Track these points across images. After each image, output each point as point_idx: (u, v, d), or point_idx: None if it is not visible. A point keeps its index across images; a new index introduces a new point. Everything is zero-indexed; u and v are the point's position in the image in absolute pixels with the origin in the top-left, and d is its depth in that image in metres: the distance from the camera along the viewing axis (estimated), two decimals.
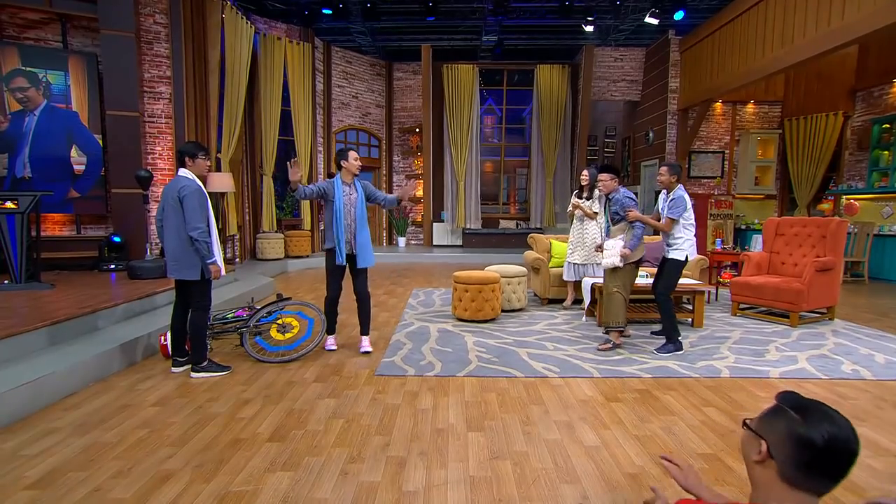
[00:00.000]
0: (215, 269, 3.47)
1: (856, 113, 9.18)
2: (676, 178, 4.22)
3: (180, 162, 3.52)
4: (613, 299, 4.17)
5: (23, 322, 3.59)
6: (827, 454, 1.03)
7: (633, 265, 4.17)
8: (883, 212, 8.33)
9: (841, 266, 5.32)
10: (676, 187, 4.19)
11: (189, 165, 3.50)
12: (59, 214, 6.97)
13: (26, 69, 6.54)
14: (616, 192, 4.22)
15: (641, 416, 2.91)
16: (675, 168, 4.22)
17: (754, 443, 1.13)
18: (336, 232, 3.97)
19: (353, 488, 2.15)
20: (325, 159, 10.99)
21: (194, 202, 3.36)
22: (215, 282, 3.66)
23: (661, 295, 4.21)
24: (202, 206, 3.41)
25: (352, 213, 4.01)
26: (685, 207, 4.12)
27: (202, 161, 3.56)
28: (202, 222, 3.37)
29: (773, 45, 6.98)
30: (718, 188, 10.51)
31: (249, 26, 8.61)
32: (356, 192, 4.05)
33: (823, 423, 1.05)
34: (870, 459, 2.38)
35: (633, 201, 4.16)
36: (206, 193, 3.50)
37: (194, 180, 3.46)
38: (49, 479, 2.21)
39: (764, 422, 1.14)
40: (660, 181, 4.25)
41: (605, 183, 4.24)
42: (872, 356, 4.04)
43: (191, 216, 3.34)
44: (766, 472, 1.11)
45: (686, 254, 4.17)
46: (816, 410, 1.08)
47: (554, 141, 11.86)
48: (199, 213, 3.37)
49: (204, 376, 3.53)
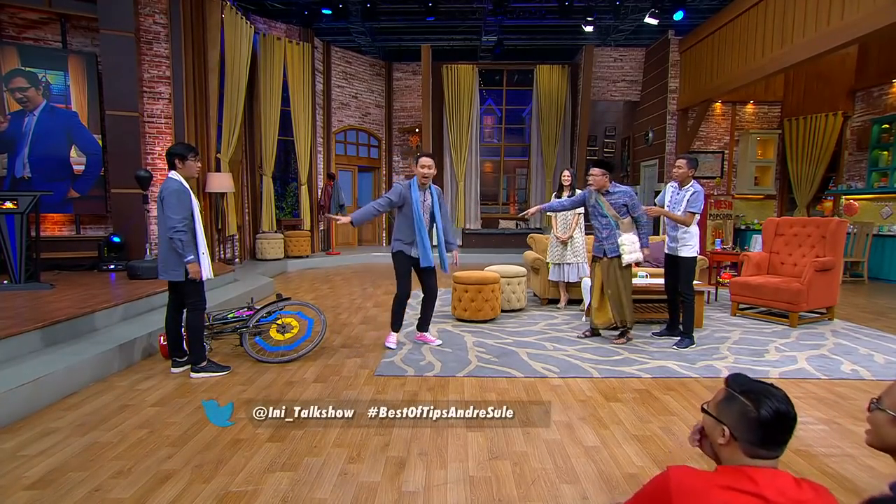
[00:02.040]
0: (193, 268, 3.39)
1: (855, 113, 9.18)
2: (693, 171, 4.23)
3: (171, 164, 3.50)
4: (628, 298, 4.21)
5: (22, 322, 3.59)
6: (775, 427, 1.23)
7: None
8: (882, 212, 8.33)
9: (840, 266, 5.32)
10: (691, 181, 4.19)
11: (179, 168, 3.49)
12: (59, 214, 6.97)
13: (26, 69, 6.53)
14: (615, 187, 4.23)
15: (641, 416, 2.91)
16: (694, 161, 4.23)
17: (717, 428, 1.31)
18: (419, 236, 4.04)
19: (352, 488, 2.15)
20: (325, 160, 10.99)
21: (172, 201, 3.35)
22: (215, 282, 3.66)
23: (690, 294, 4.25)
24: (181, 204, 3.37)
25: (429, 218, 4.14)
26: (703, 201, 4.15)
27: (192, 163, 3.54)
28: (178, 221, 3.33)
29: (773, 45, 6.99)
30: (718, 188, 10.51)
31: (249, 26, 8.61)
32: (430, 197, 4.14)
33: (769, 402, 1.25)
34: (870, 460, 2.38)
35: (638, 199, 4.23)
36: (191, 193, 3.47)
37: (179, 181, 3.45)
38: (49, 479, 2.21)
39: (721, 408, 1.32)
40: (677, 174, 4.23)
41: (595, 178, 4.23)
42: (872, 356, 4.04)
43: (168, 215, 3.35)
44: (732, 451, 1.29)
45: (696, 249, 4.21)
46: (761, 391, 1.28)
47: (554, 141, 11.86)
48: (177, 212, 3.34)
49: (203, 376, 3.53)
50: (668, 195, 4.36)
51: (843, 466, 2.36)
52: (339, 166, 11.55)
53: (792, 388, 3.37)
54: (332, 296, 6.61)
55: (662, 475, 1.26)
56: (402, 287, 4.18)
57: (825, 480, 2.23)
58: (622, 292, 4.25)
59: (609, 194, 4.24)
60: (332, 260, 10.21)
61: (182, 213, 3.37)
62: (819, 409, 3.01)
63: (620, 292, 4.25)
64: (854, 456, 2.44)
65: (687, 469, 1.25)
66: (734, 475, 1.20)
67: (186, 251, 3.36)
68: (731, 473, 1.21)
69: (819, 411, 2.99)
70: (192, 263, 3.39)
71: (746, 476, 1.18)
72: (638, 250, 4.13)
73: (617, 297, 4.27)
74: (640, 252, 4.14)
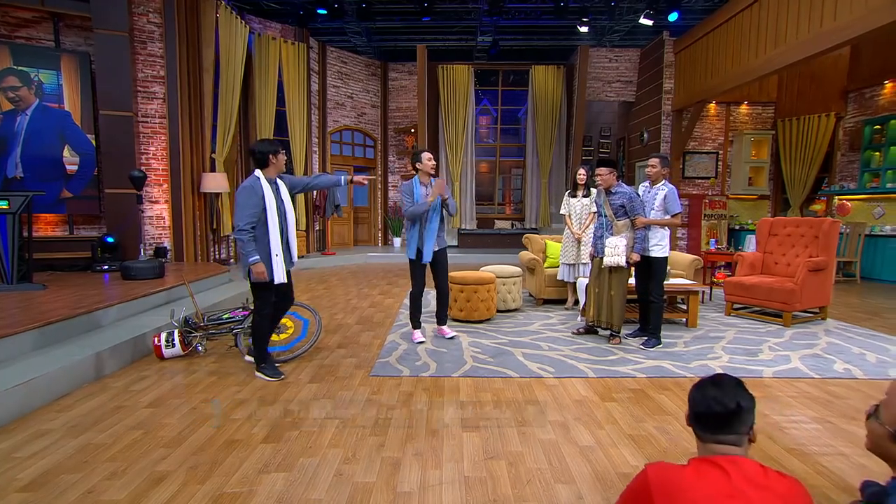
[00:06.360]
0: (256, 268, 3.26)
1: (848, 114, 9.25)
2: (667, 170, 4.25)
3: (264, 162, 3.35)
4: (616, 300, 4.21)
5: (15, 323, 3.56)
6: (704, 412, 1.37)
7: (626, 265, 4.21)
8: (874, 212, 8.40)
9: (833, 266, 5.36)
10: (663, 181, 4.22)
11: (273, 163, 3.37)
12: (52, 215, 6.93)
13: (18, 68, 6.49)
14: (619, 186, 4.22)
15: (636, 415, 2.92)
16: (666, 160, 4.26)
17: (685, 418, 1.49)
18: (423, 232, 4.13)
19: (347, 489, 2.15)
20: (321, 160, 10.97)
21: (239, 199, 3.27)
22: (209, 282, 3.63)
23: (659, 295, 4.25)
24: (248, 202, 3.25)
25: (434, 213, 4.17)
26: (678, 199, 4.18)
27: (282, 156, 3.44)
28: (240, 220, 3.24)
29: (767, 46, 7.03)
30: (713, 189, 10.56)
31: (244, 26, 8.58)
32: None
33: (706, 389, 1.39)
34: (862, 458, 2.39)
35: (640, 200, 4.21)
36: (267, 191, 3.31)
37: (256, 178, 3.32)
38: (42, 480, 2.19)
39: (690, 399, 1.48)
40: (650, 173, 4.26)
41: (602, 177, 4.22)
42: (864, 355, 4.07)
43: (235, 213, 3.29)
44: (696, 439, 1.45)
45: (667, 249, 4.22)
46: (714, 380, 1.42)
47: (549, 141, 11.89)
48: (240, 212, 3.24)
49: (261, 377, 3.50)
50: (641, 194, 4.39)
51: (835, 465, 2.37)
52: (334, 166, 11.53)
53: (785, 387, 3.39)
54: (327, 296, 6.59)
55: (641, 474, 1.34)
56: (415, 285, 4.32)
57: (818, 479, 2.25)
58: (604, 292, 4.27)
59: (611, 194, 4.25)
60: (328, 260, 10.19)
61: (246, 211, 3.23)
62: (812, 409, 3.03)
63: (603, 292, 4.28)
64: (847, 454, 2.46)
65: (662, 464, 1.33)
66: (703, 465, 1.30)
67: (248, 252, 3.25)
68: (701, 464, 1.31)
69: (812, 410, 3.01)
70: (255, 264, 3.27)
71: (713, 464, 1.28)
72: (620, 254, 4.08)
73: (599, 296, 4.31)
74: (621, 257, 4.08)
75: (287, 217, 3.48)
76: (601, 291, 4.34)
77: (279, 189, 3.44)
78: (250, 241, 3.26)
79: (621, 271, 4.22)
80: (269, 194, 3.32)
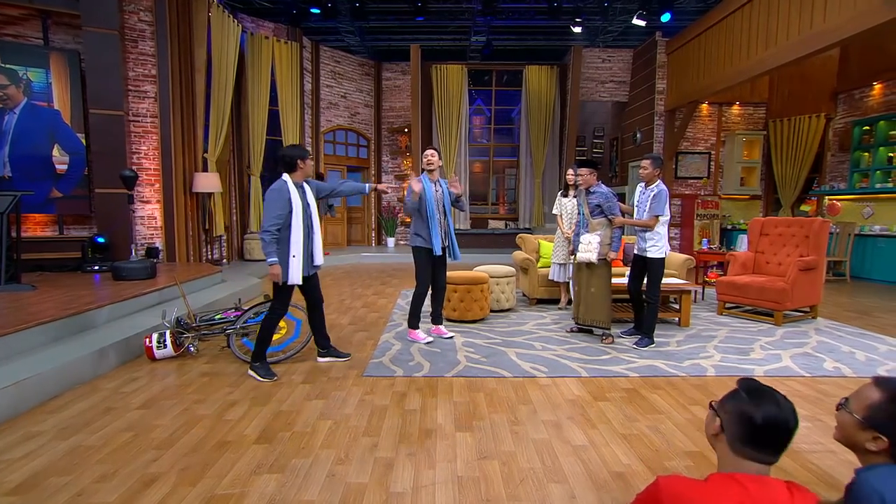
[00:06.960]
0: (272, 270, 3.34)
1: (837, 115, 9.35)
2: (659, 171, 4.26)
3: (292, 166, 3.42)
4: (597, 297, 4.24)
5: (3, 324, 3.52)
6: (765, 430, 1.25)
7: (606, 263, 4.24)
8: (864, 212, 8.49)
9: (823, 265, 5.42)
10: (657, 181, 4.24)
11: (301, 168, 3.45)
12: (41, 215, 6.85)
13: (6, 66, 6.41)
14: (598, 187, 4.31)
15: (629, 415, 2.93)
16: (658, 161, 4.26)
17: (712, 420, 1.37)
18: (431, 227, 4.15)
19: (340, 490, 2.14)
20: (314, 160, 10.93)
21: (267, 199, 3.36)
22: (203, 282, 3.62)
23: (655, 296, 4.26)
24: (276, 203, 3.33)
25: (441, 209, 4.21)
26: (667, 202, 4.17)
27: (311, 161, 3.53)
28: (267, 221, 3.32)
29: (758, 47, 7.08)
30: (705, 189, 10.64)
31: (236, 25, 8.53)
32: (441, 187, 4.25)
33: (767, 405, 1.26)
34: (850, 455, 2.39)
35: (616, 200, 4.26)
36: (294, 193, 3.38)
37: (284, 181, 3.40)
38: (31, 483, 2.17)
39: (722, 402, 1.37)
40: (642, 175, 4.28)
41: (584, 177, 4.33)
42: (854, 354, 4.12)
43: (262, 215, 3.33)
44: (720, 445, 1.34)
45: (665, 250, 4.23)
46: (765, 394, 1.29)
47: (542, 141, 11.91)
48: (268, 213, 3.33)
49: (253, 376, 3.52)
50: (636, 195, 4.42)
51: (824, 462, 2.40)
52: (327, 166, 11.50)
53: (776, 385, 3.40)
54: None
55: (652, 486, 1.27)
56: (421, 284, 4.34)
57: (808, 476, 2.27)
58: (584, 290, 4.32)
59: (590, 194, 4.33)
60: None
61: (274, 213, 3.32)
62: (802, 407, 3.06)
63: (582, 290, 4.33)
64: (835, 452, 2.48)
65: (675, 478, 1.26)
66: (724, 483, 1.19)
67: (269, 253, 3.32)
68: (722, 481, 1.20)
69: (802, 408, 3.03)
70: (272, 266, 3.34)
71: (737, 483, 1.18)
72: (593, 251, 4.17)
73: (579, 294, 4.36)
74: (593, 253, 4.17)
75: (312, 221, 3.56)
76: (581, 289, 4.42)
77: (305, 193, 3.54)
78: (272, 242, 3.34)
79: (601, 269, 4.27)
80: (296, 198, 3.41)
